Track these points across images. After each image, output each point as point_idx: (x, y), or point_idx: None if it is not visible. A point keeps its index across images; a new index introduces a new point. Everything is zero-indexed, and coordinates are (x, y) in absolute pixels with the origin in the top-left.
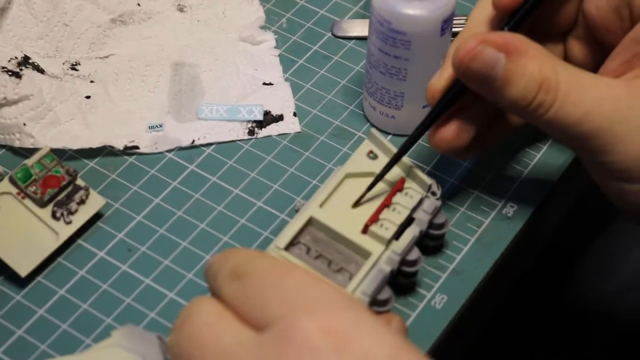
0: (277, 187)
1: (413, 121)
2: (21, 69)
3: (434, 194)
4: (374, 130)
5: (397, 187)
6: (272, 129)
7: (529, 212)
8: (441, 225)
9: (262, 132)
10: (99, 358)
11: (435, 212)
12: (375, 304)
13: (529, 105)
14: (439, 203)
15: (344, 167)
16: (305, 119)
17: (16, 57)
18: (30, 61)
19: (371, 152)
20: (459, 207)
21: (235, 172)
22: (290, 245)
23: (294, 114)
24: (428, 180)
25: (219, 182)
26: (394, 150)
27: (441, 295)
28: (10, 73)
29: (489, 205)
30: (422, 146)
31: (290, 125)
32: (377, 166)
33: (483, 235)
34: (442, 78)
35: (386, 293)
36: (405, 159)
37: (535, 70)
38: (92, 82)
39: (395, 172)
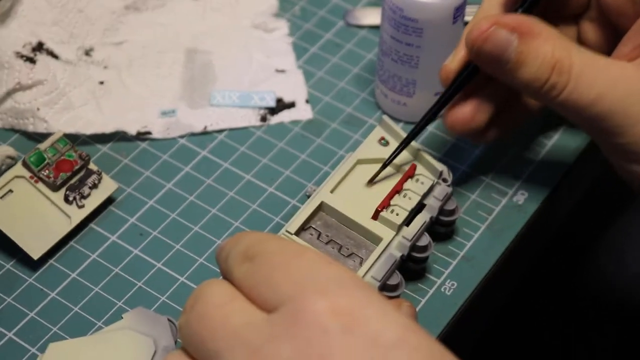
0: (289, 173)
1: (425, 109)
2: (35, 54)
3: (445, 180)
4: (385, 117)
5: (408, 173)
6: (284, 116)
7: (539, 200)
8: (452, 212)
9: (274, 119)
10: (110, 340)
11: (446, 199)
12: (385, 289)
13: (542, 87)
14: (449, 190)
15: (356, 153)
16: (317, 106)
17: (30, 43)
18: (44, 47)
19: (382, 138)
20: (469, 195)
21: (247, 158)
22: (301, 230)
23: (307, 101)
24: (439, 166)
25: (230, 168)
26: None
27: (451, 281)
28: (24, 58)
29: (500, 193)
30: (433, 134)
31: (302, 112)
32: (388, 153)
33: (493, 222)
34: (456, 59)
35: (396, 278)
36: (417, 145)
37: (548, 52)
38: (105, 68)
39: (407, 159)
